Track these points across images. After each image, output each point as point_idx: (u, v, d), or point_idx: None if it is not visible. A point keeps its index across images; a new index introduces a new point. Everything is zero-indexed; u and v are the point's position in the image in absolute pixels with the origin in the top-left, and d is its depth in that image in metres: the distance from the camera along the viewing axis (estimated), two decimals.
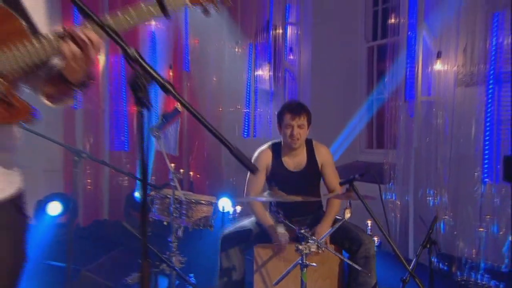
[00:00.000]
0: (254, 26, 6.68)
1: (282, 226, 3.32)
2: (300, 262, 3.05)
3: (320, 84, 6.50)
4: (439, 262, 4.77)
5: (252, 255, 3.58)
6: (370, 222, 4.18)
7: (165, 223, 3.39)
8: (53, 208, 5.32)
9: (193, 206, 3.38)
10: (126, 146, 6.43)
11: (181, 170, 5.69)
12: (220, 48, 6.65)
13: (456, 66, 4.81)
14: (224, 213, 5.44)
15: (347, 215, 3.24)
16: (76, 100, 5.53)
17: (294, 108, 3.68)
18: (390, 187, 5.51)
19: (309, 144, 3.79)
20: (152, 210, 3.49)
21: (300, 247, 3.05)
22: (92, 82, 1.65)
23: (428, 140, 5.15)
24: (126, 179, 6.33)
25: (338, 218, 3.62)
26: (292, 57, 6.79)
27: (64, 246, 3.31)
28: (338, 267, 3.54)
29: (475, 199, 4.52)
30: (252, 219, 3.77)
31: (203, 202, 3.42)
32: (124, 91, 6.31)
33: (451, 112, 4.86)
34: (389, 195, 5.47)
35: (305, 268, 3.05)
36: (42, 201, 5.30)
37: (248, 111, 6.86)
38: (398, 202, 5.42)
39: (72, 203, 5.63)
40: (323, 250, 3.13)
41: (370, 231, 4.15)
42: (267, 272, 3.50)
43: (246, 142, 6.76)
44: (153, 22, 6.34)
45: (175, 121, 6.18)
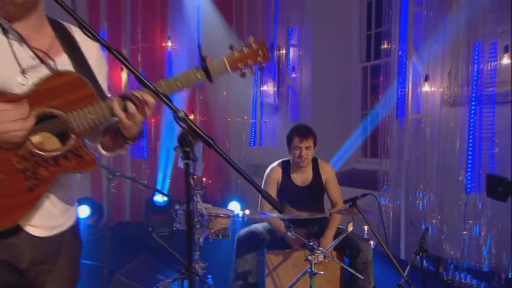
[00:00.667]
0: None
1: (294, 237, 3.50)
2: (309, 270, 3.26)
3: (319, 99, 6.66)
4: (428, 264, 4.88)
5: (263, 259, 3.78)
6: (366, 227, 4.12)
7: None
8: (82, 211, 5.65)
9: (213, 219, 3.58)
10: (145, 154, 6.65)
11: (203, 184, 5.93)
12: None
13: (442, 88, 4.99)
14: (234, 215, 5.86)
15: (350, 228, 3.48)
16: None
17: (302, 131, 3.89)
18: (383, 192, 5.66)
19: (314, 162, 4.02)
20: (177, 221, 3.75)
21: (310, 257, 3.25)
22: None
23: (418, 153, 5.29)
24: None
25: (342, 228, 3.79)
26: (294, 75, 7.01)
27: (93, 245, 3.38)
28: (340, 271, 3.78)
29: (460, 205, 4.65)
30: (264, 225, 3.99)
31: (222, 215, 3.63)
32: None
33: (438, 129, 4.99)
34: (383, 200, 5.58)
35: (314, 276, 3.26)
36: None
37: (254, 121, 7.10)
38: (391, 205, 5.59)
39: (99, 206, 6.10)
40: (329, 260, 3.34)
41: (367, 235, 4.18)
42: (278, 276, 3.69)
43: (253, 150, 7.10)
44: (169, 43, 6.70)
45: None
